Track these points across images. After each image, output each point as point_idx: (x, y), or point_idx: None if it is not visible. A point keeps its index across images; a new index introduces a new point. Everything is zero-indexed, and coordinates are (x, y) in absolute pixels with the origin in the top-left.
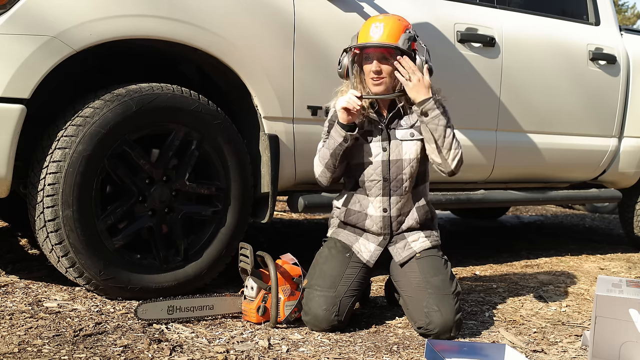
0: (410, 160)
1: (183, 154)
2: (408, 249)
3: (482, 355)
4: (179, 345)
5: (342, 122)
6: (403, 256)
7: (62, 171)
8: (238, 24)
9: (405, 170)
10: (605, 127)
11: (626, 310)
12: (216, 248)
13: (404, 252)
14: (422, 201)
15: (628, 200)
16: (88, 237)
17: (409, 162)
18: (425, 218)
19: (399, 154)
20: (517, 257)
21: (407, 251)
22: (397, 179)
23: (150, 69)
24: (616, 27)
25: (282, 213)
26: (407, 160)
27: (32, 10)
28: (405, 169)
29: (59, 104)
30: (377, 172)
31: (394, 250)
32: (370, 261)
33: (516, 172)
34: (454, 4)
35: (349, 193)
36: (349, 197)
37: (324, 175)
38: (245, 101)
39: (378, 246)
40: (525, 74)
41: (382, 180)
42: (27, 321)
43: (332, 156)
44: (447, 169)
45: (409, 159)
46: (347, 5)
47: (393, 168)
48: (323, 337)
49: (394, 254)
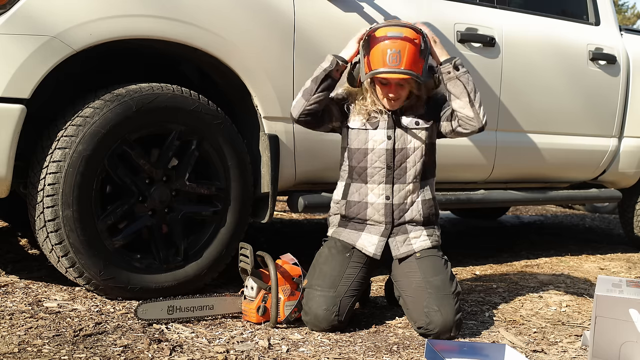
0: (414, 148)
1: (183, 154)
2: (408, 245)
3: (482, 355)
4: (179, 345)
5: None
6: (401, 251)
7: (62, 171)
8: (238, 24)
9: (410, 159)
10: (605, 127)
11: (626, 310)
12: (216, 248)
13: (403, 247)
14: (428, 195)
15: (628, 200)
16: (88, 237)
17: (413, 151)
18: (429, 213)
19: (404, 142)
20: (517, 257)
21: (406, 247)
22: (400, 167)
23: (150, 69)
24: (616, 27)
25: (282, 213)
26: (411, 148)
27: (32, 11)
28: (410, 157)
29: (59, 104)
30: (380, 160)
31: (393, 243)
32: (376, 254)
33: (516, 172)
34: (454, 4)
35: (346, 184)
36: (346, 188)
37: (298, 105)
38: (245, 101)
39: (381, 237)
40: (525, 74)
41: (386, 168)
42: (27, 321)
43: (313, 81)
44: (478, 124)
45: (414, 147)
46: (347, 6)
47: (397, 156)
48: (323, 337)
49: (393, 248)
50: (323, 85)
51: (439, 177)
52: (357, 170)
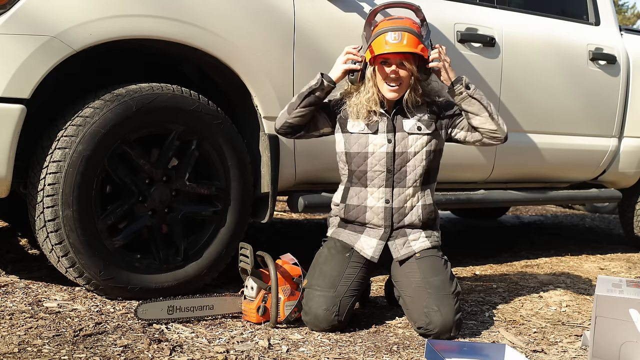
0: (415, 153)
1: (183, 154)
2: (407, 247)
3: (482, 355)
4: (179, 345)
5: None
6: (402, 254)
7: (62, 171)
8: (238, 24)
9: (410, 163)
10: (605, 127)
11: (626, 310)
12: (216, 248)
13: (402, 249)
14: (428, 200)
15: (628, 200)
16: (88, 237)
17: (413, 155)
18: (428, 218)
19: (404, 146)
20: (517, 257)
21: (406, 249)
22: (400, 171)
23: (150, 69)
24: (616, 27)
25: (282, 213)
26: (412, 153)
27: (32, 11)
28: (410, 161)
29: (59, 104)
30: (380, 164)
31: (393, 246)
32: (374, 257)
33: (516, 172)
34: (454, 4)
35: (345, 188)
36: (345, 192)
37: (281, 118)
38: (245, 101)
39: (380, 240)
40: (525, 74)
41: (386, 172)
42: (27, 321)
43: (299, 97)
44: (502, 134)
45: (414, 152)
46: (347, 6)
47: (398, 160)
48: (323, 337)
49: (393, 250)
50: (306, 101)
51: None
52: (357, 174)
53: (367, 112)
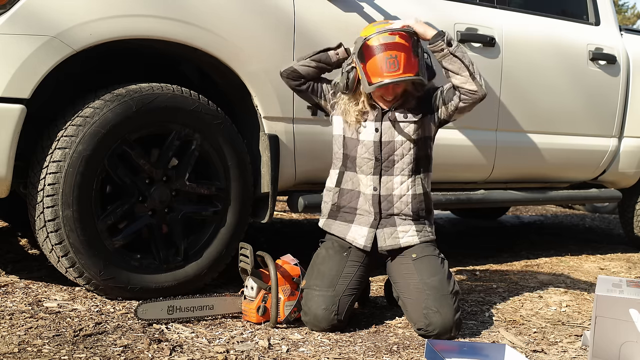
0: (402, 142)
1: (183, 154)
2: (394, 239)
3: (482, 355)
4: (179, 345)
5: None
6: (387, 244)
7: (62, 171)
8: (238, 24)
9: (397, 151)
10: (605, 127)
11: (626, 310)
12: (216, 248)
13: (389, 240)
14: (419, 190)
15: (628, 200)
16: (88, 237)
17: (401, 144)
18: (418, 208)
19: (391, 135)
20: (517, 257)
21: (392, 240)
22: (388, 160)
23: (150, 69)
24: (616, 27)
25: (282, 213)
26: (399, 142)
27: (32, 10)
28: (397, 150)
29: (59, 104)
30: (369, 152)
31: (380, 234)
32: (366, 245)
33: (516, 172)
34: (454, 4)
35: (340, 172)
36: (340, 176)
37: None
38: (245, 101)
39: (370, 228)
40: (525, 74)
41: (374, 160)
42: (27, 321)
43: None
44: (481, 92)
45: (402, 140)
46: (347, 6)
47: (385, 149)
48: (323, 337)
49: (379, 239)
50: (317, 56)
51: (439, 177)
52: (351, 159)
53: (355, 120)
